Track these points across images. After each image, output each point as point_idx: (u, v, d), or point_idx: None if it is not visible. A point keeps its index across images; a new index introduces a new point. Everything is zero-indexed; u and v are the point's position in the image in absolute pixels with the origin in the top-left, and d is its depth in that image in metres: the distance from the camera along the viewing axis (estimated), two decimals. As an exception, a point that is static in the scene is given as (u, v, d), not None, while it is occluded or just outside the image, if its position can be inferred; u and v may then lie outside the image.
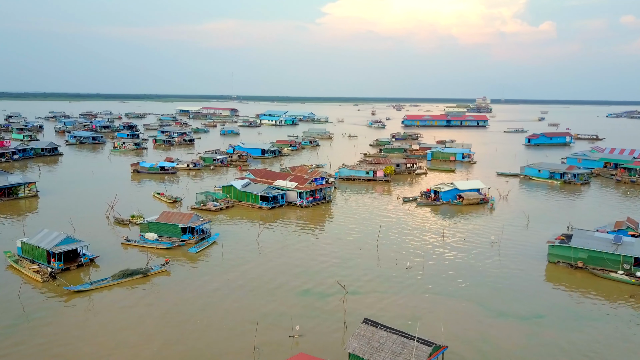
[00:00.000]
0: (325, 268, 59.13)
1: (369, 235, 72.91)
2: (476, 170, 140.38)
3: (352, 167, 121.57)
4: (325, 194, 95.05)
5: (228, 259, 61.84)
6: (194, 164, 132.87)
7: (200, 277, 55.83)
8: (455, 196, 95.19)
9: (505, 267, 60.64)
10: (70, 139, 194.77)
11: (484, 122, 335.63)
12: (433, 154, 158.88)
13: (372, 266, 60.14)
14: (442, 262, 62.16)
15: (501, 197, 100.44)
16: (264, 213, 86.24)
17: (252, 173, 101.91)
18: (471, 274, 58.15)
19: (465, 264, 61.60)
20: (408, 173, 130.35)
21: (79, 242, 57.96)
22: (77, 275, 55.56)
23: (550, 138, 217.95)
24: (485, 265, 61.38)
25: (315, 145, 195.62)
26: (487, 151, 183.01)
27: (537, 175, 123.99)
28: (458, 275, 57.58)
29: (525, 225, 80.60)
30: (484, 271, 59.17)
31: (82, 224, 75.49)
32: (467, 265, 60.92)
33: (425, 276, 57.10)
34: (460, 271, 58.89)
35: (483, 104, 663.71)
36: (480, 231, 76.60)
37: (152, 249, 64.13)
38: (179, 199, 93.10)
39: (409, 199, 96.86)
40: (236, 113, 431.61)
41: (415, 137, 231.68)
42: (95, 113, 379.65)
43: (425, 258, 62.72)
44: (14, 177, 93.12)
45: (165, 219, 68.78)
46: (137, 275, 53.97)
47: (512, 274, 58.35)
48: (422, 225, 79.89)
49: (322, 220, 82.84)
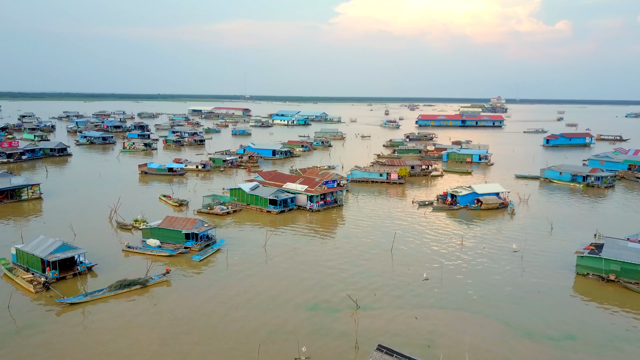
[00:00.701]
0: (335, 279, 55.40)
1: (383, 242, 69.00)
2: (493, 172, 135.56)
3: (365, 169, 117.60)
4: (336, 197, 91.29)
5: (233, 268, 58.36)
6: (203, 165, 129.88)
7: (203, 288, 52.39)
8: (473, 200, 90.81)
9: (529, 279, 56.35)
10: (81, 139, 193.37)
11: (499, 122, 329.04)
12: (449, 155, 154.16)
13: (386, 277, 56.24)
14: (461, 272, 58.05)
15: (521, 201, 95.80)
16: (273, 217, 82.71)
17: (261, 175, 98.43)
18: (493, 286, 54.00)
19: (486, 275, 57.42)
20: (423, 175, 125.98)
21: (75, 249, 54.87)
22: (73, 285, 52.49)
23: (570, 139, 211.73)
24: (508, 276, 57.14)
25: (328, 145, 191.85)
26: (504, 152, 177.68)
27: (558, 178, 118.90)
28: (479, 287, 53.45)
29: (548, 231, 76.07)
30: (506, 283, 54.95)
31: (84, 229, 72.68)
32: (488, 277, 56.74)
33: (443, 289, 53.08)
34: (481, 283, 54.75)
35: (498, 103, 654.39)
36: (500, 238, 72.26)
37: (153, 257, 60.93)
38: (185, 202, 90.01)
39: (425, 203, 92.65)
40: (248, 113, 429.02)
41: (430, 137, 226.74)
42: (108, 113, 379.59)
43: (442, 268, 58.62)
44: (17, 179, 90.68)
45: (168, 224, 65.54)
46: (135, 286, 50.72)
47: (538, 287, 54.03)
48: (439, 231, 75.74)
49: (333, 226, 79.07)
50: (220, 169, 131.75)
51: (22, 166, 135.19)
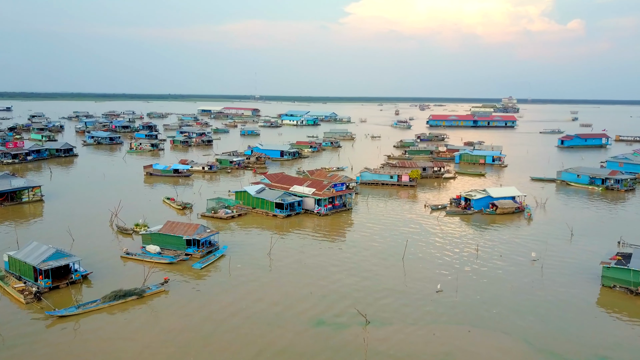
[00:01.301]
0: (343, 289, 52.16)
1: (394, 249, 65.64)
2: (507, 174, 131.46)
3: (375, 171, 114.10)
4: (345, 201, 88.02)
5: (236, 277, 55.34)
6: (210, 166, 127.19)
7: (202, 299, 49.42)
8: (487, 204, 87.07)
9: (551, 291, 52.72)
10: (88, 139, 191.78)
11: (512, 123, 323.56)
12: (461, 156, 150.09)
13: (398, 288, 52.91)
14: (477, 283, 54.55)
15: (538, 206, 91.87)
16: (279, 222, 79.64)
17: (268, 178, 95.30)
18: (512, 299, 50.46)
19: (505, 286, 53.86)
20: (435, 177, 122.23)
21: (69, 256, 52.12)
22: (66, 295, 49.73)
23: (585, 140, 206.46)
24: (528, 288, 53.55)
25: (337, 146, 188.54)
26: (518, 153, 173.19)
27: (575, 181, 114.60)
28: (497, 300, 49.95)
29: (567, 238, 72.26)
30: (526, 296, 51.39)
31: (84, 233, 70.14)
32: (506, 288, 53.18)
33: (459, 301, 49.65)
34: (499, 295, 51.23)
35: (510, 103, 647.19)
36: (518, 245, 68.56)
37: (153, 264, 58.08)
38: (189, 205, 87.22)
39: (438, 207, 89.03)
40: (257, 113, 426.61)
41: (442, 138, 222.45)
42: (117, 113, 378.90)
43: (458, 278, 55.10)
44: (18, 181, 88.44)
45: (169, 229, 62.68)
46: (131, 297, 47.85)
47: (560, 300, 50.45)
48: (453, 237, 72.19)
49: (342, 231, 75.81)
50: (227, 170, 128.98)
51: (27, 167, 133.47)
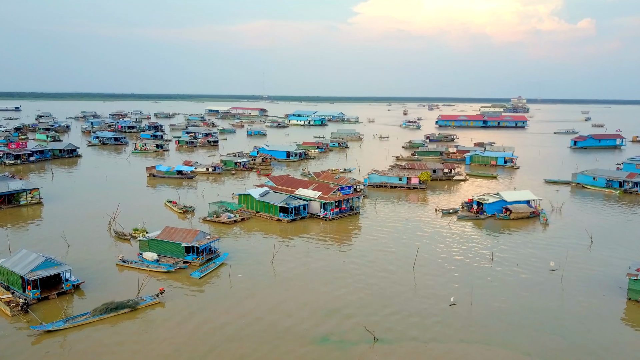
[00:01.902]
0: (350, 302, 48.97)
1: (403, 256, 62.34)
2: (520, 176, 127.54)
3: (384, 173, 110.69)
4: (352, 205, 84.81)
5: (236, 287, 52.35)
6: (214, 167, 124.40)
7: (200, 313, 46.42)
8: (501, 209, 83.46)
9: (572, 305, 49.25)
10: (93, 139, 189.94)
11: (522, 123, 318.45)
12: (472, 157, 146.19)
13: (408, 301, 49.64)
14: (492, 295, 51.13)
15: (553, 210, 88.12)
16: (283, 226, 76.57)
17: (272, 180, 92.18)
18: (531, 314, 47.01)
19: (523, 299, 50.40)
20: (445, 179, 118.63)
21: (60, 265, 49.35)
22: (56, 306, 46.90)
23: (599, 140, 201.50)
24: (548, 301, 50.06)
25: (344, 147, 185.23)
26: (530, 154, 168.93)
27: (591, 184, 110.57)
28: (515, 315, 46.53)
29: (587, 245, 68.61)
30: (546, 310, 47.92)
31: (80, 238, 67.51)
32: (525, 302, 49.72)
33: (474, 316, 46.30)
34: (517, 310, 47.80)
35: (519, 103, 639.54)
36: (534, 253, 64.99)
37: (149, 272, 55.26)
38: (191, 208, 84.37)
39: (449, 211, 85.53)
40: (265, 113, 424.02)
41: (451, 138, 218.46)
42: (125, 113, 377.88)
43: (472, 291, 51.65)
44: (15, 183, 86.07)
45: (167, 236, 59.79)
46: (123, 310, 44.95)
47: (583, 315, 46.96)
48: (465, 244, 68.73)
49: (349, 237, 72.59)
50: (232, 171, 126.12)
51: (29, 168, 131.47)
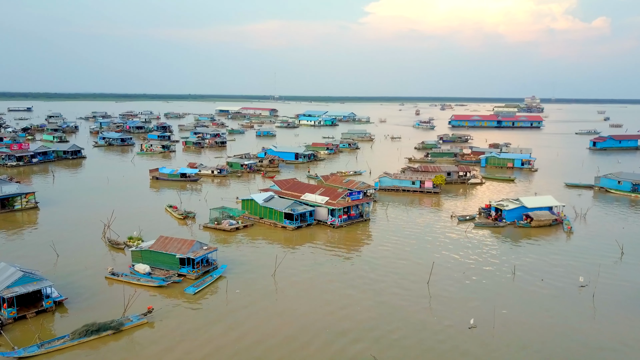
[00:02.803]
0: (358, 322, 44.15)
1: (417, 269, 57.38)
2: (538, 179, 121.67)
3: (395, 176, 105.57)
4: (362, 210, 79.95)
5: (233, 305, 47.75)
6: (219, 170, 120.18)
7: (192, 334, 41.88)
8: (521, 216, 78.09)
9: (606, 329, 43.97)
10: (99, 140, 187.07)
11: (538, 123, 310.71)
12: (487, 159, 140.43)
13: (422, 322, 44.66)
14: (516, 316, 45.98)
15: (577, 217, 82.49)
16: (288, 234, 71.95)
17: (277, 184, 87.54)
18: (561, 340, 41.80)
19: (551, 321, 45.20)
20: (461, 183, 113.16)
21: (40, 280, 45.11)
22: (35, 326, 42.69)
23: (619, 141, 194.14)
24: (578, 324, 44.82)
25: (355, 148, 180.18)
26: (548, 156, 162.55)
27: (616, 188, 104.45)
28: (544, 341, 41.36)
29: (617, 257, 63.13)
30: (578, 335, 42.73)
31: (71, 247, 63.54)
32: (553, 324, 44.52)
33: (496, 341, 41.24)
34: (545, 334, 42.64)
35: (533, 103, 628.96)
36: (560, 266, 59.63)
37: (140, 287, 50.95)
38: (191, 214, 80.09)
39: (465, 218, 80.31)
40: (275, 113, 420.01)
41: (465, 139, 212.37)
42: (135, 113, 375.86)
43: (494, 310, 46.54)
44: (10, 187, 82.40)
45: (161, 246, 55.45)
46: (106, 332, 40.57)
47: (620, 342, 41.65)
48: (484, 255, 63.52)
49: (358, 246, 67.70)
50: (238, 174, 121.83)
51: (32, 170, 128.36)
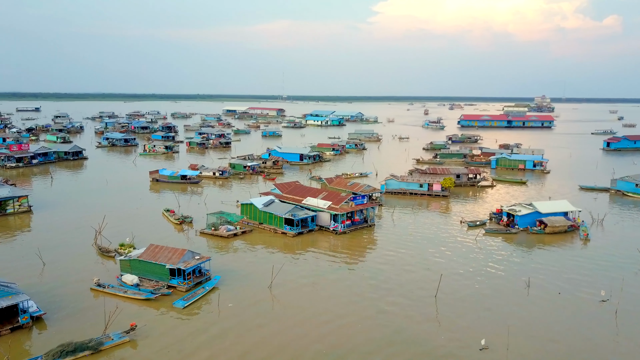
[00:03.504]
0: (359, 342, 40.53)
1: (424, 280, 53.65)
2: (551, 181, 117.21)
3: (402, 179, 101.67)
4: (367, 215, 76.28)
5: (225, 322, 44.20)
6: (221, 171, 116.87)
7: (177, 355, 38.46)
8: (535, 222, 74.01)
9: (633, 350, 39.99)
10: (103, 140, 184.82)
11: (549, 123, 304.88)
12: (498, 161, 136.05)
13: (428, 342, 40.94)
14: (532, 336, 42.09)
15: (594, 222, 78.24)
16: (288, 241, 68.41)
17: (278, 187, 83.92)
18: (583, 363, 37.98)
19: (571, 340, 41.30)
20: (470, 185, 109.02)
21: (16, 294, 41.88)
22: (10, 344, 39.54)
23: (635, 142, 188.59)
24: (602, 345, 40.88)
25: (361, 148, 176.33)
26: (560, 157, 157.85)
27: (634, 191, 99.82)
28: (563, 365, 37.57)
29: (638, 267, 58.89)
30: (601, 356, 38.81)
31: (60, 255, 60.46)
32: (573, 344, 40.63)
33: (511, 364, 37.46)
34: (564, 356, 38.76)
35: (544, 102, 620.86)
36: (577, 278, 55.59)
37: (127, 299, 47.67)
38: (189, 219, 76.83)
39: (476, 224, 76.35)
40: (282, 113, 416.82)
41: (475, 139, 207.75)
42: (142, 113, 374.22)
43: (508, 330, 42.64)
44: (2, 190, 79.58)
45: (151, 255, 52.13)
46: (83, 353, 37.27)
47: (649, 366, 37.76)
48: (496, 265, 59.59)
49: (361, 254, 63.96)
50: (240, 176, 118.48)
51: (32, 171, 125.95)
